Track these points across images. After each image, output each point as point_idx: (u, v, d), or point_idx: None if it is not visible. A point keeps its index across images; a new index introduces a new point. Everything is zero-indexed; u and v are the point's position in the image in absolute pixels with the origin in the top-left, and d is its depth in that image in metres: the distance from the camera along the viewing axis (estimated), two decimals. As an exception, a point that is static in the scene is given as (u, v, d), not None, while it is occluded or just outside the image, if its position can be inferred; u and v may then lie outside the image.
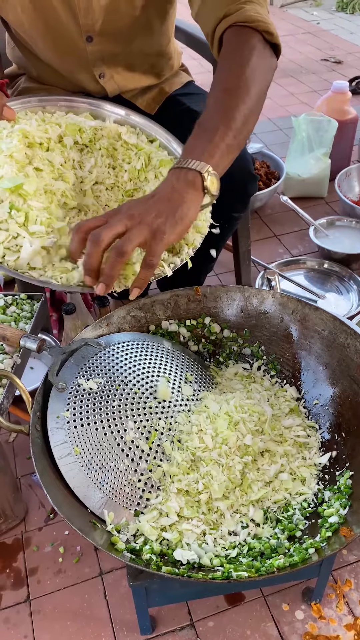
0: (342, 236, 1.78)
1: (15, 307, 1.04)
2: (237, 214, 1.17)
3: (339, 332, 0.93)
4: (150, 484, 0.80)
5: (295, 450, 0.88)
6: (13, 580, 1.04)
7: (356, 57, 3.37)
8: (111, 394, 0.84)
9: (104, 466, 0.79)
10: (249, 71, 0.83)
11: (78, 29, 0.99)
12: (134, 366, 0.89)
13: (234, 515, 0.80)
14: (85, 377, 0.85)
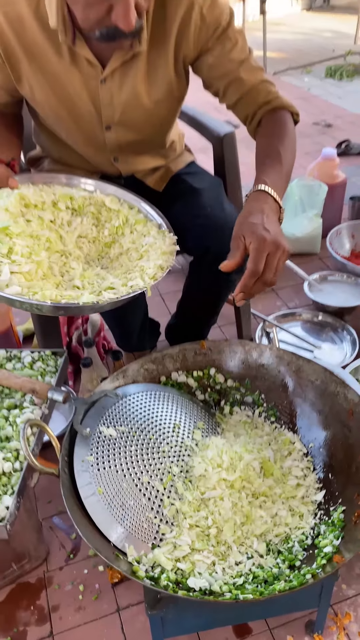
0: (334, 290, 1.92)
1: (41, 362, 1.16)
2: (235, 276, 1.30)
3: (329, 382, 1.05)
4: (165, 520, 0.91)
5: (294, 488, 0.99)
6: (37, 617, 1.12)
7: (345, 121, 3.62)
8: (129, 440, 0.96)
9: (124, 504, 0.89)
10: (291, 138, 1.12)
11: (99, 119, 1.16)
12: (148, 414, 1.01)
13: (240, 547, 0.90)
14: (106, 425, 0.97)
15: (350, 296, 1.88)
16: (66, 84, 1.10)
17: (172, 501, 0.92)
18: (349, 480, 0.95)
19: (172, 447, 0.98)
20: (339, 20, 6.58)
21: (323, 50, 5.29)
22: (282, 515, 0.94)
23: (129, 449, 0.95)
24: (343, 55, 4.80)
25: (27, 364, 1.16)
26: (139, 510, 0.90)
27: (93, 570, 1.20)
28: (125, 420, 0.99)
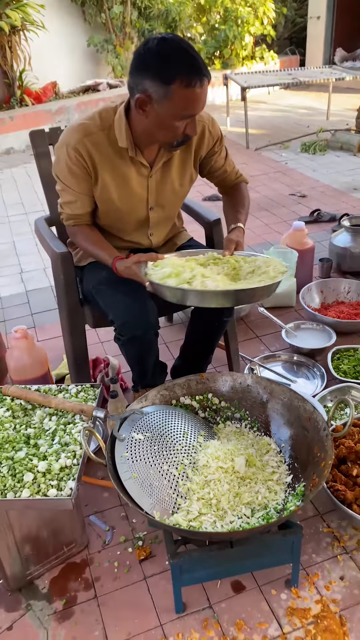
0: (307, 336, 2.36)
1: (84, 392, 1.58)
2: (226, 319, 1.77)
3: (293, 399, 1.47)
4: (180, 495, 1.31)
5: (270, 474, 1.39)
6: (84, 585, 1.49)
7: (318, 191, 4.18)
8: (152, 442, 1.37)
9: (151, 485, 1.30)
10: (246, 197, 1.81)
11: (146, 203, 1.68)
12: (164, 425, 1.43)
13: (233, 511, 1.30)
14: (136, 432, 1.38)
15: (319, 340, 2.32)
16: (128, 179, 1.61)
17: (184, 482, 1.33)
18: (308, 465, 1.36)
19: (182, 446, 1.39)
20: (313, 98, 7.37)
21: (299, 127, 5.98)
22: (261, 492, 1.34)
23: (153, 448, 1.36)
24: (316, 132, 5.45)
25: (74, 394, 1.58)
26: (162, 489, 1.30)
27: (124, 551, 1.57)
28: (149, 429, 1.40)
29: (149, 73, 1.36)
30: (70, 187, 1.60)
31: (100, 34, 6.86)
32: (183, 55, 1.35)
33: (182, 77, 1.34)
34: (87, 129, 1.54)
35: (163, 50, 1.35)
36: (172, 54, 1.34)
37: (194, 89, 1.37)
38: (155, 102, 1.39)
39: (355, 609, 1.38)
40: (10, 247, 3.59)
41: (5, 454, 1.36)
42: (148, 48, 1.36)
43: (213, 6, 7.30)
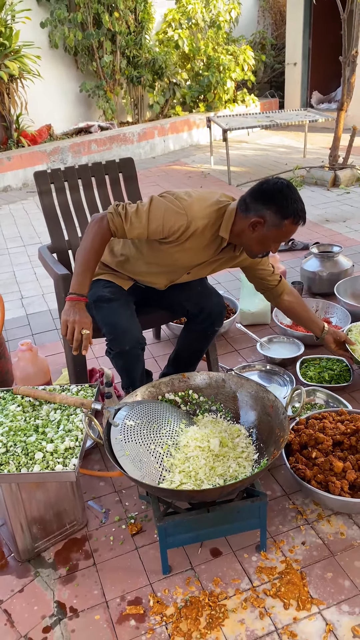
0: (279, 348, 2.66)
1: (83, 391, 1.86)
2: (217, 328, 2.12)
3: (259, 391, 1.76)
4: (165, 469, 1.58)
5: (240, 453, 1.67)
6: (84, 556, 1.74)
7: (293, 223, 4.55)
8: (142, 427, 1.65)
9: (141, 461, 1.57)
10: None
11: (185, 269, 1.98)
12: (152, 415, 1.71)
13: (209, 481, 1.57)
14: (128, 419, 1.66)
15: (290, 351, 2.62)
16: (197, 252, 1.90)
17: (168, 459, 1.60)
18: (270, 444, 1.64)
19: (167, 431, 1.67)
20: (291, 137, 7.88)
21: (277, 164, 6.43)
22: (232, 466, 1.62)
23: (142, 432, 1.64)
24: (292, 169, 5.88)
25: (75, 392, 1.85)
26: (149, 464, 1.58)
27: (118, 528, 1.82)
28: (138, 417, 1.68)
29: (271, 205, 1.73)
30: (151, 219, 1.77)
31: (92, 80, 7.35)
32: (298, 201, 1.74)
33: (294, 217, 1.74)
34: (211, 215, 1.82)
35: (287, 192, 1.73)
36: (292, 198, 1.73)
37: (297, 226, 1.78)
38: (266, 227, 1.76)
39: (313, 566, 1.64)
40: (11, 275, 3.90)
41: (19, 438, 1.63)
42: (275, 186, 1.74)
43: (197, 54, 7.85)
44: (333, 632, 1.46)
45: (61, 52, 7.15)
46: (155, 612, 1.54)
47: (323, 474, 1.75)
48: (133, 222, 1.78)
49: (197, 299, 2.08)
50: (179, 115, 7.84)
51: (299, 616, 1.51)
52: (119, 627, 1.52)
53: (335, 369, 2.44)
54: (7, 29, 6.19)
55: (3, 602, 1.61)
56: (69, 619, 1.55)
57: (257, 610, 1.53)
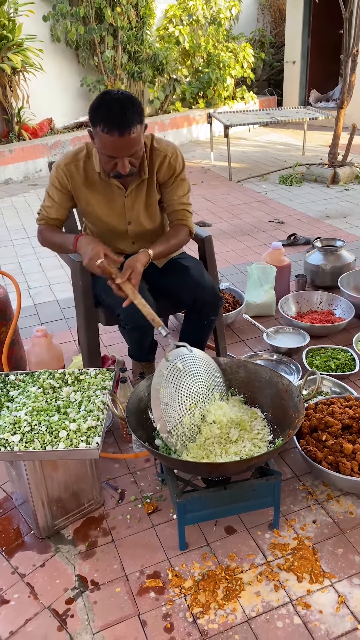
0: (285, 338, 2.73)
1: (101, 375, 1.92)
2: (213, 318, 2.15)
3: (273, 376, 1.83)
4: (181, 423, 1.66)
5: (256, 434, 1.74)
6: (102, 533, 1.79)
7: (294, 219, 4.62)
8: (185, 375, 1.75)
9: (167, 403, 1.68)
10: (179, 239, 2.10)
11: (124, 218, 2.06)
12: (200, 370, 1.81)
13: (225, 457, 1.63)
14: (180, 362, 1.76)
15: (296, 341, 2.69)
16: (108, 198, 2.02)
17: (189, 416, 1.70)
18: (285, 425, 1.71)
19: (202, 393, 1.77)
20: (290, 135, 7.95)
21: (277, 161, 6.49)
22: (247, 446, 1.68)
23: (183, 379, 1.73)
24: (292, 166, 5.95)
25: (93, 375, 1.91)
26: (171, 410, 1.68)
27: (135, 508, 1.88)
28: (189, 365, 1.77)
29: (89, 113, 1.81)
30: (51, 195, 2.05)
31: (93, 75, 7.38)
32: (107, 108, 1.75)
33: (103, 124, 1.75)
34: (75, 156, 2.00)
35: (100, 99, 1.79)
36: (104, 105, 1.76)
37: (112, 136, 1.75)
38: (95, 138, 1.83)
39: (324, 543, 1.71)
40: (16, 267, 3.94)
41: (43, 418, 1.69)
42: (96, 97, 1.81)
43: (197, 51, 7.90)
44: (345, 603, 1.53)
45: (63, 46, 7.17)
46: (174, 585, 1.60)
47: (333, 455, 1.82)
48: (44, 201, 2.07)
49: (192, 289, 2.09)
50: (179, 111, 7.88)
51: (312, 589, 1.58)
52: (139, 598, 1.58)
53: (341, 358, 2.51)
54: (10, 22, 6.21)
55: (26, 576, 1.67)
56: (91, 592, 1.61)
57: (271, 583, 1.60)
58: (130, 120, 1.75)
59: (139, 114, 1.80)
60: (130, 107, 1.76)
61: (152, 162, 2.02)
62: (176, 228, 2.11)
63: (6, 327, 2.34)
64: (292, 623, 1.49)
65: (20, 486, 1.79)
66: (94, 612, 1.55)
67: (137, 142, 1.82)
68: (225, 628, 1.49)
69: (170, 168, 2.04)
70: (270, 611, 1.53)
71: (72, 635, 1.50)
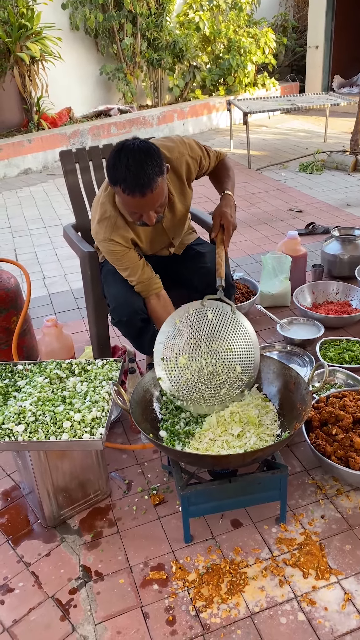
0: (299, 329, 2.68)
1: (109, 365, 1.90)
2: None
3: (281, 368, 1.79)
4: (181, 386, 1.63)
5: (265, 429, 1.70)
6: (108, 524, 1.79)
7: (313, 207, 4.53)
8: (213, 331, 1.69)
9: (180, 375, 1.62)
10: (231, 168, 2.14)
11: (168, 237, 2.05)
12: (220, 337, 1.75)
13: (229, 450, 1.61)
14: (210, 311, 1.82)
15: (310, 333, 2.64)
16: (149, 230, 1.99)
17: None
18: (292, 418, 1.67)
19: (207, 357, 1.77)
20: (312, 122, 7.79)
21: (297, 149, 6.37)
22: (253, 440, 1.65)
23: (202, 331, 1.68)
24: (313, 153, 5.83)
25: (100, 366, 1.90)
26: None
27: (141, 499, 1.87)
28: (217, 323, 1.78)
29: (107, 172, 1.72)
30: (128, 264, 1.94)
31: (112, 63, 7.33)
32: (125, 167, 1.64)
33: (121, 185, 1.67)
34: (109, 220, 1.88)
35: (113, 159, 1.67)
36: (118, 164, 1.65)
37: (133, 197, 1.66)
38: (116, 194, 1.77)
39: (332, 538, 1.68)
40: (32, 256, 3.95)
41: (47, 408, 1.68)
42: (111, 152, 1.69)
43: (217, 37, 7.77)
44: (351, 600, 1.50)
45: (82, 34, 7.13)
46: (178, 578, 1.59)
47: (343, 449, 1.78)
48: (130, 277, 1.98)
49: (204, 275, 2.07)
50: (199, 99, 7.79)
51: (318, 585, 1.55)
52: (142, 590, 1.57)
53: (355, 350, 2.45)
54: (29, 10, 6.19)
55: (31, 565, 1.68)
56: (94, 582, 1.61)
57: (276, 578, 1.57)
58: (150, 177, 1.65)
59: (159, 166, 1.68)
60: (148, 162, 1.65)
61: (177, 172, 1.96)
62: (220, 164, 2.15)
63: (17, 317, 2.34)
64: (296, 619, 1.47)
65: (27, 476, 1.80)
66: (97, 603, 1.55)
67: (161, 195, 1.73)
68: (228, 622, 1.47)
69: (196, 160, 2.00)
70: (274, 607, 1.50)
71: (74, 626, 1.50)
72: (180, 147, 1.96)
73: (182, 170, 1.95)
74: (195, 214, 2.39)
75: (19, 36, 6.08)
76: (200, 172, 2.09)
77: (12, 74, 6.23)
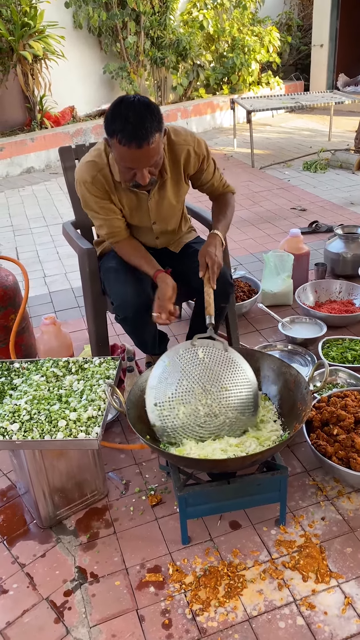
0: (301, 328, 2.64)
1: (106, 364, 1.87)
2: (224, 305, 2.08)
3: (281, 366, 1.76)
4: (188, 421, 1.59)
5: (267, 432, 1.67)
6: (104, 524, 1.76)
7: (317, 206, 4.49)
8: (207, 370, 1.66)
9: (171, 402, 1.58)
10: (231, 206, 2.09)
11: (149, 218, 1.99)
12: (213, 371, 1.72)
13: (229, 454, 1.58)
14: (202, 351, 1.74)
15: (312, 332, 2.60)
16: (132, 200, 1.94)
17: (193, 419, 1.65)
18: (291, 417, 1.64)
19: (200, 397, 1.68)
20: (316, 121, 7.74)
21: (301, 148, 6.33)
22: (253, 447, 1.61)
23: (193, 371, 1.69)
24: (317, 152, 5.79)
25: (97, 364, 1.87)
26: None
27: (138, 499, 1.84)
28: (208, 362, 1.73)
29: (104, 124, 1.70)
30: (99, 213, 1.94)
31: (116, 62, 7.30)
32: (123, 118, 1.63)
33: (117, 135, 1.65)
34: (96, 165, 1.87)
35: (114, 109, 1.67)
36: (118, 114, 1.65)
37: (129, 148, 1.65)
38: (112, 149, 1.73)
39: (333, 541, 1.64)
40: (34, 254, 3.93)
41: (43, 407, 1.65)
42: (113, 103, 1.69)
43: (221, 36, 7.73)
44: (352, 605, 1.47)
45: (85, 33, 7.11)
46: (175, 580, 1.56)
47: (344, 450, 1.75)
48: (97, 226, 2.00)
49: None
50: (202, 98, 7.75)
51: (318, 589, 1.51)
52: (138, 593, 1.54)
53: (358, 349, 2.41)
54: (31, 8, 6.17)
55: (26, 566, 1.65)
56: (90, 584, 1.58)
57: (275, 581, 1.54)
58: (148, 130, 1.64)
59: (158, 122, 1.68)
60: (148, 115, 1.65)
61: (175, 157, 1.94)
62: (224, 197, 2.12)
63: (15, 315, 2.32)
64: (295, 624, 1.43)
65: (22, 475, 1.77)
66: (92, 605, 1.52)
67: (157, 151, 1.72)
68: (225, 626, 1.44)
69: (198, 156, 1.97)
70: (273, 610, 1.47)
71: (68, 628, 1.47)
72: (188, 137, 1.95)
73: (182, 157, 1.93)
74: (195, 211, 2.36)
75: (22, 34, 6.06)
76: (199, 177, 2.05)
77: (15, 72, 6.21)
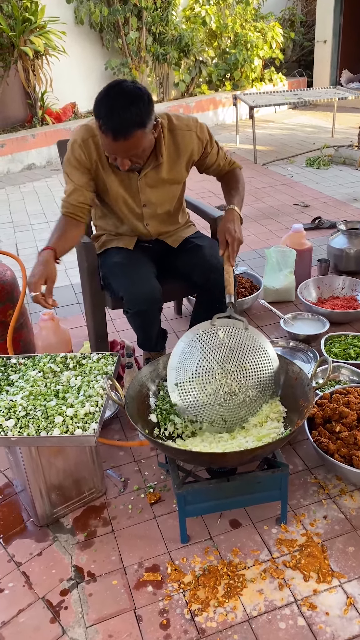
0: (303, 325, 2.61)
1: (104, 359, 1.84)
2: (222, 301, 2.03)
3: (283, 363, 1.72)
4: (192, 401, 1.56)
5: (268, 429, 1.63)
6: (102, 522, 1.73)
7: (320, 202, 4.45)
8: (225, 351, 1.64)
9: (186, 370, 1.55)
10: (242, 181, 2.07)
11: (139, 200, 1.95)
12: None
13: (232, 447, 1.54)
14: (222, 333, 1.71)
15: (314, 328, 2.56)
16: (123, 178, 1.90)
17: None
18: (293, 413, 1.60)
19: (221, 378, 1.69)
20: (319, 117, 7.69)
21: (304, 144, 6.28)
22: (250, 442, 1.58)
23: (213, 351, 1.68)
24: (320, 148, 5.74)
25: (95, 360, 1.84)
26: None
27: (137, 497, 1.81)
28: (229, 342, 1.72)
29: (94, 102, 1.67)
30: (71, 178, 1.88)
31: (117, 58, 7.26)
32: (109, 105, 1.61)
33: (100, 122, 1.63)
34: (91, 130, 1.84)
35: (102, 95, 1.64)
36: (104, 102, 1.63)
37: (109, 137, 1.64)
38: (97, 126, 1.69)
39: (335, 540, 1.61)
40: (34, 251, 3.90)
41: (39, 403, 1.62)
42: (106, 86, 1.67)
43: (224, 32, 7.68)
44: (354, 605, 1.43)
45: (87, 29, 7.07)
46: (173, 580, 1.53)
47: (347, 447, 1.71)
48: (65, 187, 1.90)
49: (204, 269, 2.01)
50: (205, 94, 7.71)
51: (319, 588, 1.48)
52: (136, 592, 1.51)
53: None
54: (33, 4, 6.13)
55: (22, 565, 1.62)
56: (87, 583, 1.55)
57: (276, 581, 1.51)
58: (129, 125, 1.62)
59: (141, 116, 1.64)
60: (132, 109, 1.61)
61: (176, 141, 1.91)
62: (232, 173, 2.10)
63: (13, 310, 2.28)
64: (296, 624, 1.40)
65: (19, 472, 1.75)
66: (89, 605, 1.49)
67: (136, 145, 1.69)
68: (225, 627, 1.41)
69: (202, 141, 1.96)
70: (273, 611, 1.44)
71: (64, 628, 1.44)
72: (191, 122, 1.93)
73: (183, 142, 1.91)
74: (195, 205, 2.33)
75: (23, 30, 6.02)
76: (204, 162, 2.02)
77: (16, 68, 6.18)
